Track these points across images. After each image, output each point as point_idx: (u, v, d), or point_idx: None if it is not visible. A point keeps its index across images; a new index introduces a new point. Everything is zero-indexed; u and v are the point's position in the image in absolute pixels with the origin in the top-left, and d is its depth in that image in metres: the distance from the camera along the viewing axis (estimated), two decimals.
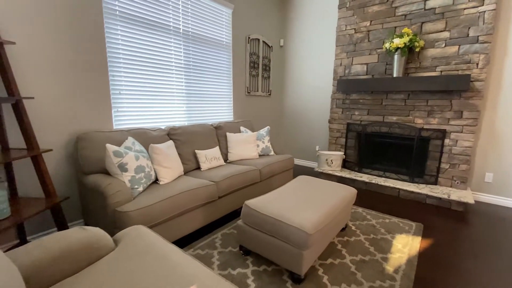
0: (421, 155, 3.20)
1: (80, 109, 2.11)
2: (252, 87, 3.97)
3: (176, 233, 1.88)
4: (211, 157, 2.61)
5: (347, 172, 3.57)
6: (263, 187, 2.77)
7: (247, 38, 3.70)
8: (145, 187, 1.91)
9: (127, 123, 2.45)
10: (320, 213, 1.61)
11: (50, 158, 1.96)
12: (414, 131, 3.13)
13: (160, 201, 1.75)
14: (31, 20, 1.78)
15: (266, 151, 3.19)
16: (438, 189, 2.96)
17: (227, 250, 1.90)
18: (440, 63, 2.95)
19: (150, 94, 2.61)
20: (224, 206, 2.27)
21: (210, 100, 3.32)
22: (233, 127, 3.20)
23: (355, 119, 3.61)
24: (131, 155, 1.85)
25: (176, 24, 2.77)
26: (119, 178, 1.79)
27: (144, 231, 1.32)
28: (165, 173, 2.08)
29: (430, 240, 2.12)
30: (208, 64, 3.20)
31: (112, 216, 1.63)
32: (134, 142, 2.07)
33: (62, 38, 1.95)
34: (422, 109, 3.09)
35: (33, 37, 1.81)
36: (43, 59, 1.87)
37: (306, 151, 4.49)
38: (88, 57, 2.10)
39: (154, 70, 2.61)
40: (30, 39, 1.79)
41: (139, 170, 1.86)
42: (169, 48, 2.73)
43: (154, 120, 2.68)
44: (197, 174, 2.40)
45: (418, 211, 2.72)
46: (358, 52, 3.49)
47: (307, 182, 2.22)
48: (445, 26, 2.90)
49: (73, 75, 2.03)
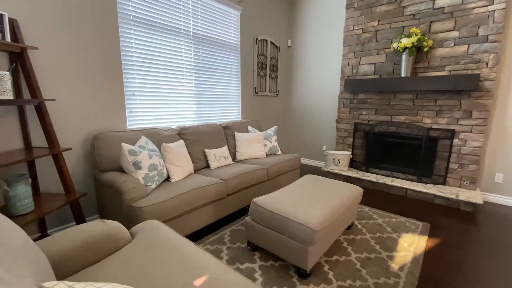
0: (429, 155, 3.20)
1: (97, 110, 2.22)
2: (260, 87, 4.03)
3: (187, 229, 1.97)
4: (220, 156, 2.68)
5: (354, 172, 3.59)
6: (270, 186, 2.83)
7: (255, 39, 3.76)
8: (158, 184, 2.00)
9: (140, 123, 2.55)
10: (326, 211, 1.66)
11: (69, 156, 2.08)
12: (422, 131, 3.13)
13: (172, 198, 1.83)
14: (52, 26, 1.90)
15: (274, 151, 3.25)
16: (446, 189, 2.95)
17: (235, 245, 1.97)
18: (449, 62, 2.93)
19: (162, 95, 2.71)
20: (232, 204, 2.35)
21: (219, 100, 3.39)
22: (241, 127, 3.27)
23: (362, 119, 3.62)
24: (144, 153, 1.94)
25: (187, 27, 2.85)
26: (133, 176, 1.89)
27: (158, 225, 1.40)
28: (176, 171, 2.16)
29: (436, 240, 2.14)
30: (217, 65, 3.28)
31: (127, 211, 1.73)
32: (147, 141, 2.16)
33: (80, 42, 2.06)
34: (430, 109, 3.09)
35: (54, 42, 1.92)
36: (63, 62, 1.98)
37: (313, 150, 4.52)
38: (104, 60, 2.21)
39: (165, 72, 2.71)
40: (51, 43, 1.90)
41: (152, 168, 1.95)
42: (180, 50, 2.82)
43: (165, 120, 2.78)
44: (206, 173, 2.48)
45: (425, 211, 2.72)
46: (366, 52, 3.50)
47: (314, 181, 2.26)
48: (454, 26, 2.88)
49: (90, 77, 2.14)
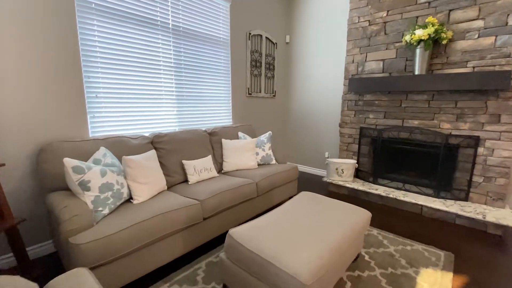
0: (448, 166, 2.74)
1: (50, 116, 1.84)
2: (254, 88, 3.63)
3: (147, 266, 1.57)
4: (201, 168, 2.29)
5: (360, 183, 3.15)
6: (261, 203, 2.42)
7: (248, 34, 3.36)
8: (113, 209, 1.61)
9: (106, 130, 2.17)
10: (322, 252, 1.24)
11: (12, 173, 1.71)
12: (440, 138, 2.68)
13: (127, 228, 1.44)
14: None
15: (267, 160, 2.84)
16: (470, 207, 2.49)
17: (209, 286, 1.56)
18: (472, 57, 2.49)
19: (134, 97, 2.32)
20: (210, 229, 1.94)
21: (206, 102, 3.00)
22: (230, 133, 2.87)
23: (369, 123, 3.18)
24: (95, 170, 1.55)
25: (165, 19, 2.47)
26: (80, 199, 1.51)
27: (85, 279, 1.00)
28: (140, 190, 1.77)
29: (464, 277, 1.70)
30: (203, 63, 2.89)
31: (66, 247, 1.34)
32: (105, 153, 1.78)
33: (26, 36, 1.68)
34: (449, 112, 2.64)
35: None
36: (3, 64, 1.61)
37: (314, 157, 4.09)
38: (57, 58, 1.83)
39: (138, 71, 2.32)
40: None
41: (105, 188, 1.57)
42: (157, 45, 2.44)
43: (139, 126, 2.40)
44: (182, 189, 2.08)
45: (446, 234, 2.27)
46: (373, 47, 3.07)
47: (311, 201, 1.85)
48: (478, 14, 2.43)
49: (40, 77, 1.77)
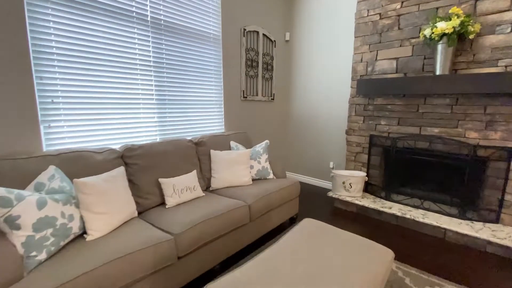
0: (475, 181, 2.35)
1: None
2: (250, 91, 3.25)
3: None
4: (182, 187, 1.90)
5: (370, 200, 2.76)
6: (254, 230, 2.02)
7: (243, 30, 2.99)
8: (54, 251, 1.22)
9: (66, 142, 1.79)
10: None
11: None
12: (466, 149, 2.29)
13: (69, 282, 1.06)
14: None
15: (263, 174, 2.45)
16: (503, 232, 2.10)
17: None
18: (504, 55, 2.11)
19: (103, 102, 1.95)
20: (187, 271, 1.53)
21: (193, 107, 2.62)
22: (220, 142, 2.48)
23: (381, 130, 2.79)
24: (30, 201, 1.17)
25: (142, 10, 2.10)
26: (8, 239, 1.13)
27: None
28: (96, 222, 1.38)
29: None
30: (188, 62, 2.51)
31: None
32: (54, 174, 1.40)
33: None
34: (477, 119, 2.25)
35: None
36: None
37: (318, 167, 3.69)
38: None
39: (108, 70, 1.95)
40: None
41: (42, 224, 1.18)
42: (132, 41, 2.07)
43: (110, 137, 2.02)
44: (156, 216, 1.69)
45: (476, 267, 1.87)
46: (385, 44, 2.68)
47: (316, 236, 1.46)
48: (510, 4, 2.06)
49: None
